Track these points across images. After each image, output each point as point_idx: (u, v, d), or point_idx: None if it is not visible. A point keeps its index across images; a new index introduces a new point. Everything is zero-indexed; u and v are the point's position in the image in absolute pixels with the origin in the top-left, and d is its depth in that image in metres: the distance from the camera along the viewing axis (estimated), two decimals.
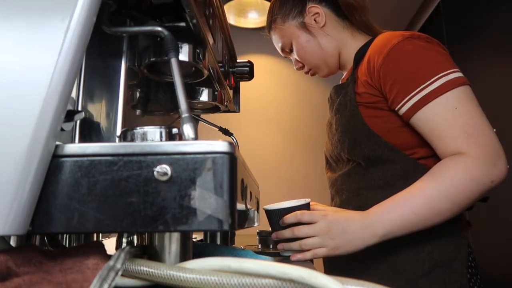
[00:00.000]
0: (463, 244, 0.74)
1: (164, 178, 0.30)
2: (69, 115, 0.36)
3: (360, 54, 0.86)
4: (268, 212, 0.72)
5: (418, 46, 0.74)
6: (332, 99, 0.92)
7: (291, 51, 0.97)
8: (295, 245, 0.68)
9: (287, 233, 0.69)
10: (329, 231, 0.67)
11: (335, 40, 0.92)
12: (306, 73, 1.00)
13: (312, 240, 0.67)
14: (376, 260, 0.76)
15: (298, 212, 0.69)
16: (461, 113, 0.67)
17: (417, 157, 0.77)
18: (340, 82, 0.96)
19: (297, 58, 0.96)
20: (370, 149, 0.78)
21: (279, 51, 1.01)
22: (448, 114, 0.68)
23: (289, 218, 0.69)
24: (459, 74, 0.71)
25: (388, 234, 0.66)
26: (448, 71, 0.70)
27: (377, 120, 0.78)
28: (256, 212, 0.58)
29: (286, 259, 0.69)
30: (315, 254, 0.67)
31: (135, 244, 0.54)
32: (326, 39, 0.92)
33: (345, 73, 0.99)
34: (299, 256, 0.68)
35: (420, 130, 0.72)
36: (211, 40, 0.54)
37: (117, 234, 0.58)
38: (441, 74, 0.70)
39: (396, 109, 0.74)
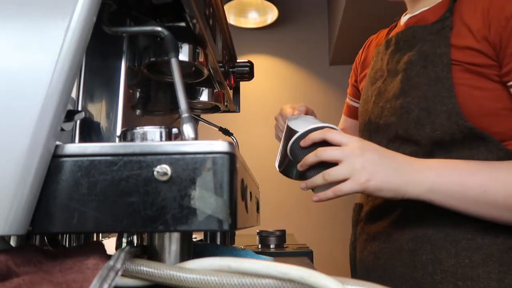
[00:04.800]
0: None
1: (164, 178, 0.30)
2: (69, 115, 0.36)
3: None
4: (289, 132, 0.58)
5: None
6: (397, 46, 0.66)
7: None
8: (318, 178, 0.54)
9: (310, 157, 0.54)
10: (361, 154, 0.51)
11: None
12: None
13: (337, 169, 0.52)
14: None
15: (326, 129, 0.55)
16: None
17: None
18: (410, 18, 0.68)
19: None
20: (445, 132, 0.56)
21: None
22: None
23: (315, 134, 0.55)
24: None
25: (434, 191, 0.51)
26: None
27: (475, 92, 0.56)
28: (256, 212, 0.58)
29: (286, 259, 0.69)
30: (338, 190, 0.52)
31: (135, 244, 0.54)
32: None
33: (421, 7, 0.67)
34: (321, 195, 0.54)
35: None
36: (211, 40, 0.54)
37: (117, 234, 0.58)
38: None
39: (510, 84, 0.54)
